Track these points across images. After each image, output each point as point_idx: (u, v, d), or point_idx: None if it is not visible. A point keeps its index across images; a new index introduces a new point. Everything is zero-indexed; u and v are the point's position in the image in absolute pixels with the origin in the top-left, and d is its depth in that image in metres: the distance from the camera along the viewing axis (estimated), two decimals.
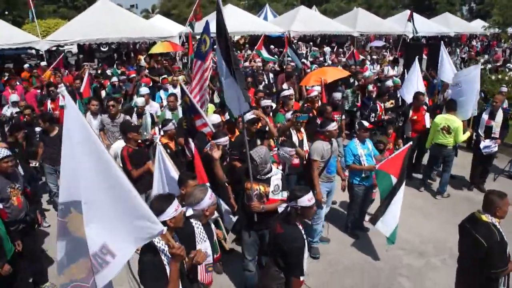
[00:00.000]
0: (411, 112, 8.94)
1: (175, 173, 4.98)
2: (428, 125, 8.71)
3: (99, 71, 15.34)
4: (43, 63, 16.42)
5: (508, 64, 18.26)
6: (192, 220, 3.84)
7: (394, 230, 6.17)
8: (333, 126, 6.19)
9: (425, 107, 9.07)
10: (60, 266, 3.30)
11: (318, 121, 7.77)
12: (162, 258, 3.22)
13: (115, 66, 16.64)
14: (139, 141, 6.58)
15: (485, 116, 8.57)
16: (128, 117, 8.23)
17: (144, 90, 9.48)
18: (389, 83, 10.75)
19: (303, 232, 4.05)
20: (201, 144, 6.01)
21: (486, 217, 4.04)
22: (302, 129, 7.05)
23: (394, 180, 6.16)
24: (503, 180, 9.27)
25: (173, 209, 3.34)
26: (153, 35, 19.87)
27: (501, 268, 3.93)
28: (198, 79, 7.78)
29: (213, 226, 4.26)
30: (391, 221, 6.16)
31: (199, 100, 7.91)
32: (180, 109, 8.56)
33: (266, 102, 7.78)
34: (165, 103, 10.03)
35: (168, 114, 8.50)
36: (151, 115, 8.85)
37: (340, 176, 6.76)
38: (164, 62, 17.04)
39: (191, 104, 6.20)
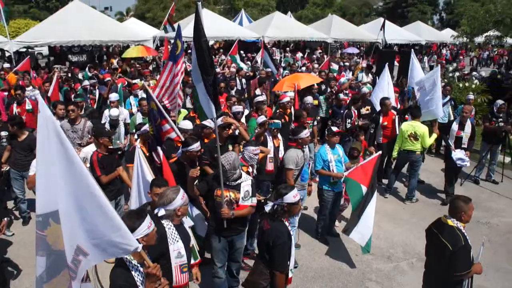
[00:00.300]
0: (381, 118, 9.09)
1: (150, 178, 4.95)
2: (397, 131, 8.85)
3: (69, 74, 15.02)
4: (6, 65, 15.81)
5: (474, 73, 18.79)
6: (163, 222, 3.83)
7: (369, 239, 6.26)
8: (305, 134, 6.26)
9: (395, 113, 9.23)
10: (39, 282, 3.12)
11: (293, 126, 7.88)
12: (134, 274, 3.17)
13: (87, 69, 16.36)
14: (110, 147, 6.48)
15: (455, 127, 8.71)
16: (89, 123, 7.99)
17: (113, 96, 9.21)
18: (365, 89, 10.89)
19: (289, 228, 4.16)
20: (170, 150, 5.97)
21: (451, 222, 4.14)
22: (279, 136, 7.09)
23: (364, 189, 6.24)
24: (468, 185, 9.51)
25: (146, 227, 3.25)
26: (127, 38, 19.69)
27: (465, 271, 4.02)
28: (168, 82, 7.75)
29: (189, 230, 4.23)
30: (366, 230, 6.25)
31: (169, 104, 7.86)
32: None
33: (237, 108, 7.78)
34: (134, 109, 9.83)
35: (139, 118, 8.39)
36: (125, 124, 8.71)
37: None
38: (138, 66, 16.87)
39: (158, 109, 6.14)
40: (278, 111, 8.88)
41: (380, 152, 6.86)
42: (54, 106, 8.31)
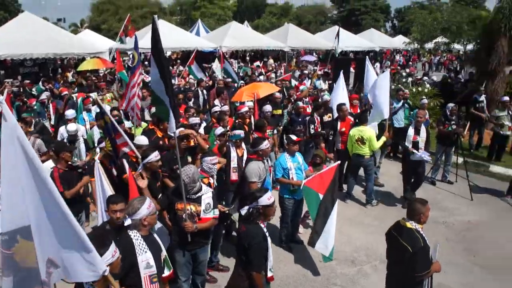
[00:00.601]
0: (339, 124, 9.28)
1: (110, 193, 4.86)
2: None
3: (21, 89, 14.45)
4: None
5: (425, 78, 19.49)
6: (130, 233, 3.84)
7: (332, 249, 6.33)
8: (265, 145, 6.28)
9: (352, 119, 9.44)
10: None
11: (255, 134, 7.93)
12: None
13: (40, 83, 15.80)
14: (69, 162, 6.29)
15: (411, 132, 8.76)
16: (39, 140, 7.67)
17: (70, 114, 8.80)
18: (327, 97, 11.05)
19: (265, 230, 4.26)
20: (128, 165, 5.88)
21: (410, 224, 4.25)
22: (243, 145, 7.11)
23: (320, 197, 6.29)
24: (426, 186, 9.76)
25: (110, 255, 3.18)
26: (82, 50, 19.24)
27: (425, 271, 4.14)
28: (131, 94, 7.66)
29: (159, 240, 4.17)
30: (329, 241, 6.30)
31: (126, 106, 7.79)
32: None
33: (193, 120, 7.79)
34: (88, 125, 9.41)
35: (97, 132, 8.17)
36: (85, 140, 8.45)
37: None
38: (94, 79, 16.50)
39: (111, 123, 6.03)
40: (237, 121, 8.89)
41: (339, 162, 6.93)
42: None
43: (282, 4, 71.67)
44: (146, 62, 19.17)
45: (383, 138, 8.73)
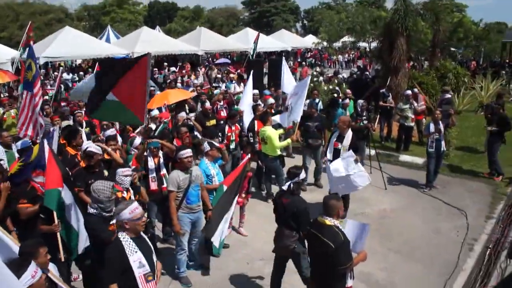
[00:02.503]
0: (256, 125, 9.44)
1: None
2: None
3: None
4: None
5: (339, 75, 20.47)
6: (119, 235, 3.93)
7: (222, 240, 6.38)
8: (183, 154, 6.01)
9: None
10: None
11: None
12: None
13: None
14: None
15: (333, 139, 8.39)
16: None
17: None
18: (272, 100, 11.21)
19: None
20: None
21: (329, 221, 4.40)
22: (160, 154, 7.01)
23: (224, 188, 6.26)
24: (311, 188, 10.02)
25: (29, 275, 3.07)
26: None
27: (348, 263, 4.33)
28: (31, 112, 7.13)
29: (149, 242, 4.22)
30: (224, 233, 6.28)
31: (32, 132, 7.24)
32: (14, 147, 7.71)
33: (109, 132, 7.62)
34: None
35: (2, 153, 7.47)
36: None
37: (207, 205, 6.48)
38: None
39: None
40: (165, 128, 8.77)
41: (248, 157, 7.11)
42: None
43: (193, 8, 71.42)
44: (56, 73, 18.12)
45: (288, 140, 8.91)
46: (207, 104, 10.94)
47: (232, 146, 9.40)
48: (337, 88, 15.74)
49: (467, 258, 6.94)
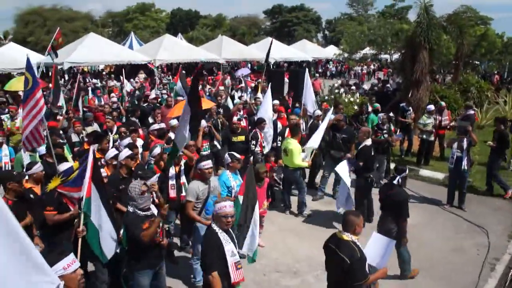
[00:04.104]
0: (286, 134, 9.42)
1: None
2: None
3: None
4: None
5: (352, 87, 20.37)
6: (214, 227, 4.38)
7: (256, 250, 6.27)
8: (203, 165, 6.03)
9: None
10: None
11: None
12: None
13: None
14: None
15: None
16: None
17: None
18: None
19: None
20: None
21: (346, 236, 4.40)
22: (182, 162, 7.08)
23: (240, 198, 6.15)
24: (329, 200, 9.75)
25: (61, 267, 3.14)
26: (7, 66, 18.28)
27: (363, 279, 4.29)
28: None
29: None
30: (254, 242, 6.20)
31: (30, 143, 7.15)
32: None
33: (125, 141, 7.78)
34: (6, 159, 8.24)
35: (26, 157, 7.65)
36: None
37: None
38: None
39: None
40: None
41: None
42: None
43: (216, 16, 72.04)
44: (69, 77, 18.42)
45: (306, 164, 8.76)
46: (235, 118, 10.34)
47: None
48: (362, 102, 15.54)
49: (488, 278, 6.77)
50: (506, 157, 10.58)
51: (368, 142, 8.51)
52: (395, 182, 6.46)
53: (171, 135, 8.92)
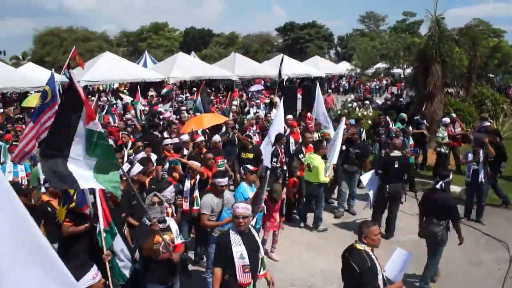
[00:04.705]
0: (303, 151, 9.36)
1: None
2: None
3: None
4: None
5: (366, 102, 20.32)
6: (230, 229, 4.61)
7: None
8: (219, 181, 6.00)
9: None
10: None
11: None
12: None
13: None
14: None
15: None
16: None
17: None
18: None
19: None
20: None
21: (359, 246, 4.40)
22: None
23: None
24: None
25: (90, 277, 3.41)
26: (25, 84, 18.64)
27: None
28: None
29: (257, 237, 4.79)
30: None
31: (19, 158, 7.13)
32: None
33: (140, 155, 7.91)
34: (10, 177, 8.13)
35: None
36: None
37: None
38: None
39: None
40: (195, 150, 8.87)
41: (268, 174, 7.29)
42: None
43: (228, 34, 72.83)
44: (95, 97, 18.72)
45: (327, 179, 8.70)
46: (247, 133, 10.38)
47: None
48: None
49: None
50: (502, 169, 10.44)
51: (395, 153, 8.61)
52: (438, 186, 6.68)
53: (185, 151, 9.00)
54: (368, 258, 4.28)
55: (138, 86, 18.48)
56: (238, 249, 4.47)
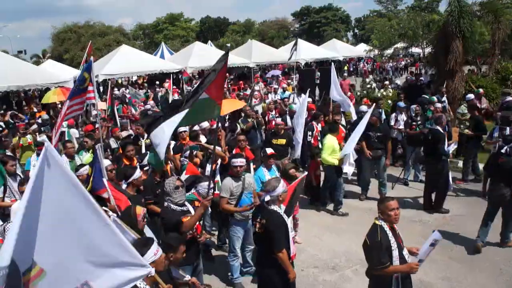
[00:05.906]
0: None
1: None
2: None
3: None
4: None
5: (386, 82, 20.02)
6: (273, 207, 4.72)
7: None
8: (236, 162, 6.04)
9: (344, 130, 9.71)
10: None
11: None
12: None
13: (8, 117, 15.21)
14: None
15: None
16: None
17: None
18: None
19: None
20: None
21: (377, 221, 4.34)
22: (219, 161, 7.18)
23: (283, 208, 6.14)
24: (399, 188, 9.97)
25: (152, 253, 3.55)
26: (46, 81, 18.90)
27: (377, 266, 4.16)
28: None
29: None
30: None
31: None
32: (77, 157, 8.20)
33: None
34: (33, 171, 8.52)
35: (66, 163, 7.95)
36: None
37: None
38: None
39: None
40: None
41: (305, 173, 6.92)
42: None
43: (244, 22, 72.44)
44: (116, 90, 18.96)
45: (335, 162, 8.56)
46: (278, 120, 10.29)
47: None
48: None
49: None
50: (483, 144, 10.27)
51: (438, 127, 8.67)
52: (502, 151, 6.87)
53: (202, 137, 9.02)
54: (380, 233, 4.20)
55: (171, 75, 18.67)
56: (289, 223, 4.82)
